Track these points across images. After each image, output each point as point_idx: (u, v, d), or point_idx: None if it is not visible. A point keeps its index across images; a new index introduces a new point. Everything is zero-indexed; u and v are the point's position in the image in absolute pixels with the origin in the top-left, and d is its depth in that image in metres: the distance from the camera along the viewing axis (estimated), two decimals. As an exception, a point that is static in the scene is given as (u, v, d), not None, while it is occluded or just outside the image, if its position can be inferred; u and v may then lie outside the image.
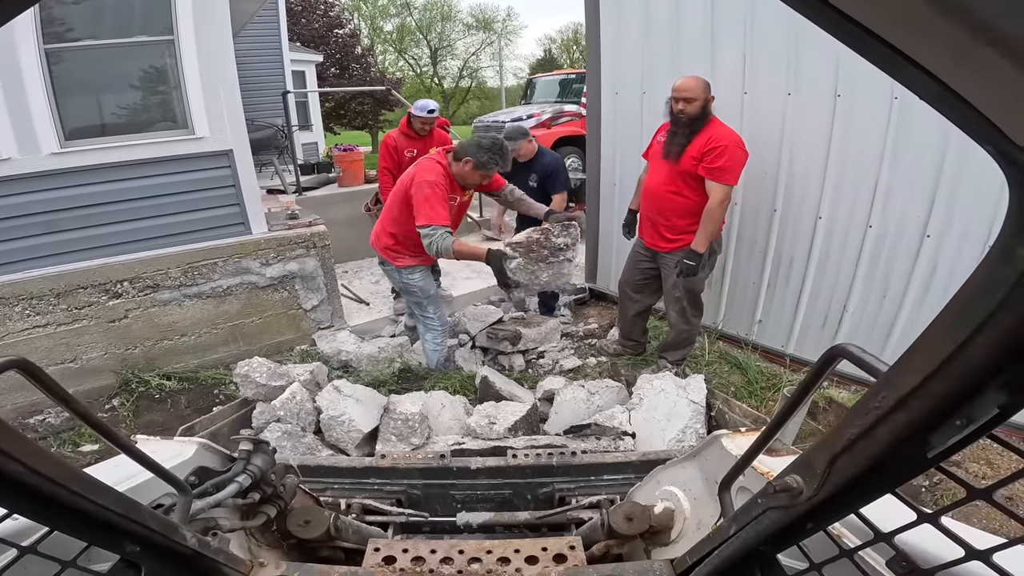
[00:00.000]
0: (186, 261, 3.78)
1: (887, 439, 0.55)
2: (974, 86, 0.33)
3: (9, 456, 0.64)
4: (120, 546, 0.90)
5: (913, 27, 0.31)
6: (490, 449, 2.23)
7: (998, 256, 0.40)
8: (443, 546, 1.31)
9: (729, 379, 3.68)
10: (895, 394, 0.52)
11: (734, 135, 2.97)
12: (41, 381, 0.76)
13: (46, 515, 0.76)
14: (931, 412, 0.51)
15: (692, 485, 1.41)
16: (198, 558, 1.01)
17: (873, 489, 0.64)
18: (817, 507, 0.73)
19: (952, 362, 0.46)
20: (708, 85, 2.99)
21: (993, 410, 0.47)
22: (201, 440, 1.33)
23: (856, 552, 0.77)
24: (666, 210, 3.19)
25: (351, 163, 6.57)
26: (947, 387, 0.48)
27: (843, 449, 0.60)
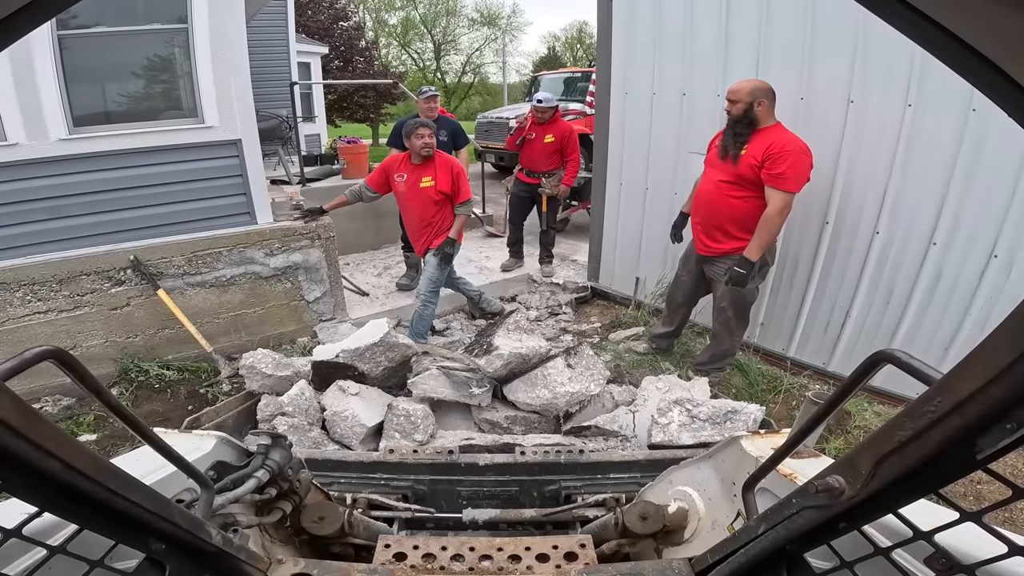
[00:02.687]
0: (191, 249, 3.77)
1: (938, 441, 0.56)
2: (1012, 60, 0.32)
3: (47, 452, 0.63)
4: (147, 544, 0.89)
5: None
6: (499, 446, 2.24)
7: None
8: (454, 543, 1.30)
9: (731, 381, 3.69)
10: (953, 398, 0.52)
11: (798, 141, 2.87)
12: (76, 372, 0.75)
13: (80, 513, 0.75)
14: (984, 416, 0.51)
15: (707, 485, 1.42)
16: (221, 556, 1.00)
17: (918, 490, 0.65)
18: (855, 507, 0.74)
19: (1013, 368, 0.46)
20: (760, 89, 2.91)
21: None
22: (220, 434, 1.32)
23: (893, 550, 0.78)
24: (719, 214, 3.11)
25: (356, 155, 6.55)
26: (1004, 392, 0.48)
27: (892, 451, 0.61)
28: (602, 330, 4.60)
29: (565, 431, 2.57)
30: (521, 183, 5.44)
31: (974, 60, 0.34)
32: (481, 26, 32.42)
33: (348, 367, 2.65)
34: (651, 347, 4.01)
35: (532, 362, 2.60)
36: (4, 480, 0.65)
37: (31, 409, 0.63)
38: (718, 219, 3.12)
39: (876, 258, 3.22)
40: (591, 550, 1.29)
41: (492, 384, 2.59)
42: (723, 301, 3.27)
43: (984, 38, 0.33)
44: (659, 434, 2.23)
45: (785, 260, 3.67)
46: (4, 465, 0.63)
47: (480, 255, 6.19)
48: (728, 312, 3.29)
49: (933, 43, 0.36)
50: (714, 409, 2.25)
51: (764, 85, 2.92)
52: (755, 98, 2.88)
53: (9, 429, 0.58)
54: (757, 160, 2.87)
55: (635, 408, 2.72)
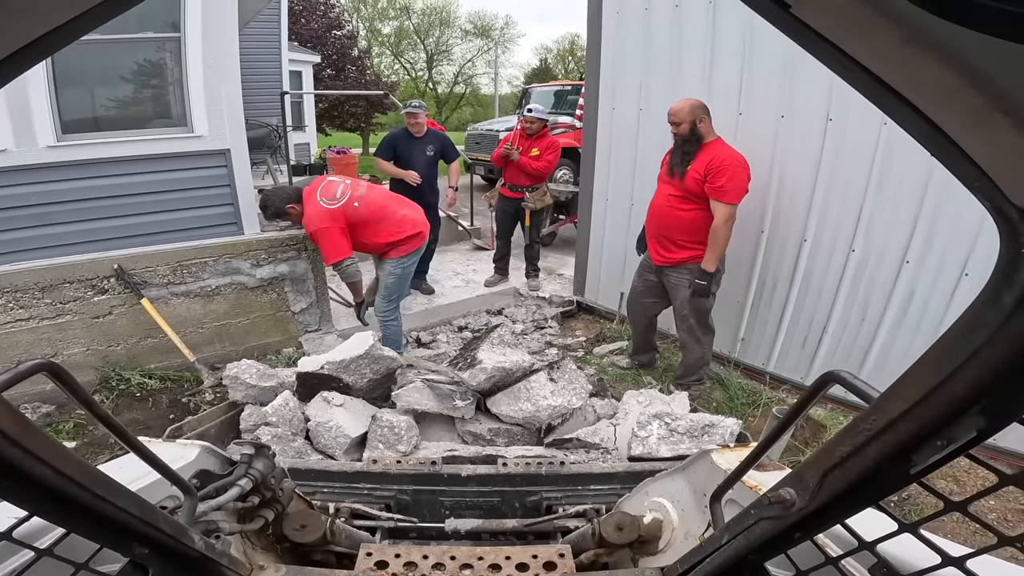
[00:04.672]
0: (176, 259, 3.76)
1: (875, 457, 0.61)
2: (982, 148, 0.38)
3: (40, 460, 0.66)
4: (130, 548, 0.91)
5: (937, 91, 0.36)
6: (481, 457, 2.26)
7: (986, 300, 0.45)
8: (435, 552, 1.33)
9: (712, 395, 3.76)
10: (885, 417, 0.57)
11: (735, 154, 3.09)
12: (68, 384, 0.78)
13: (68, 517, 0.77)
14: (916, 434, 0.56)
15: (680, 497, 1.46)
16: (204, 561, 1.02)
17: (860, 502, 0.70)
18: (807, 518, 0.78)
19: (939, 390, 0.51)
20: (698, 107, 3.14)
21: (972, 433, 0.52)
22: (203, 443, 1.34)
23: (841, 560, 0.83)
24: (669, 226, 3.33)
25: (345, 165, 6.59)
26: (932, 412, 0.53)
27: (834, 465, 0.66)
28: (587, 344, 4.65)
29: (547, 443, 2.60)
30: (505, 199, 5.45)
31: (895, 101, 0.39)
32: (474, 37, 32.77)
33: (333, 379, 2.66)
34: (633, 363, 4.07)
35: (515, 376, 2.64)
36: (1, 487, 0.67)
37: (26, 419, 0.66)
38: (669, 230, 3.34)
39: (852, 276, 3.32)
40: (570, 560, 1.32)
41: (476, 397, 2.62)
42: (684, 310, 3.44)
43: (903, 81, 0.38)
44: (638, 447, 2.28)
45: (765, 278, 3.76)
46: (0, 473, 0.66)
47: (467, 268, 6.23)
48: (691, 320, 3.45)
49: (858, 83, 0.40)
50: (692, 423, 2.31)
51: (699, 103, 3.16)
52: (695, 116, 3.11)
53: (6, 438, 0.61)
54: (700, 175, 3.09)
55: (616, 421, 2.76)
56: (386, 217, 3.64)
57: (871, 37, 0.34)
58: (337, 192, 3.52)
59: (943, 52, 0.32)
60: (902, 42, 0.33)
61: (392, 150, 4.88)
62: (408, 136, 4.87)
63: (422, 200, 4.83)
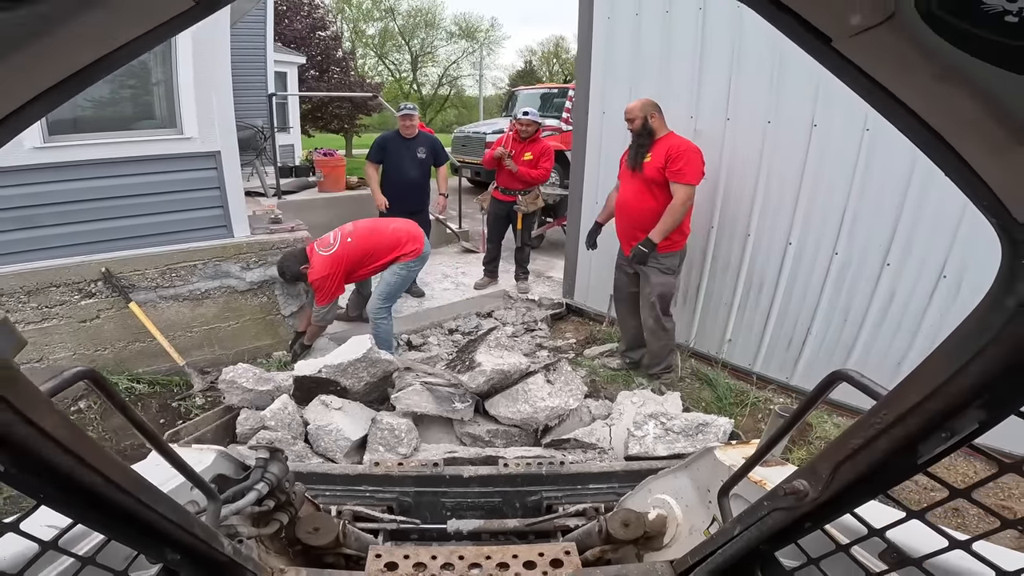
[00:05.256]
0: (164, 262, 3.71)
1: (885, 449, 0.66)
2: (998, 174, 0.42)
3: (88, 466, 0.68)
4: (163, 554, 0.93)
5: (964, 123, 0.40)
6: (482, 458, 2.29)
7: (990, 305, 0.51)
8: (443, 552, 1.36)
9: (700, 395, 3.84)
10: (895, 412, 0.62)
11: (691, 144, 3.38)
12: (107, 391, 0.80)
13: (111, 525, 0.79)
14: (923, 427, 0.61)
15: (684, 493, 1.51)
16: (231, 566, 1.04)
17: (870, 492, 0.75)
18: (819, 508, 0.83)
19: (945, 386, 0.57)
20: (648, 104, 3.43)
21: (974, 425, 0.58)
22: (219, 448, 1.35)
23: (852, 547, 0.88)
24: (638, 219, 3.53)
25: (333, 168, 6.55)
26: (939, 406, 0.58)
27: (846, 457, 0.71)
28: (577, 346, 4.70)
29: (545, 444, 2.64)
30: (497, 202, 5.49)
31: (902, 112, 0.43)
32: (459, 39, 32.74)
33: (330, 382, 2.67)
34: (624, 363, 4.14)
35: (513, 378, 2.67)
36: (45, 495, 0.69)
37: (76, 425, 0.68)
38: (637, 221, 3.54)
39: (835, 278, 3.42)
40: (575, 557, 1.36)
41: (474, 399, 2.65)
42: (653, 296, 3.63)
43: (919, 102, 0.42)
44: (635, 446, 2.33)
45: (751, 280, 3.85)
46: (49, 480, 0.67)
47: (456, 271, 6.24)
48: (657, 307, 3.64)
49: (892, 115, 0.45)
50: (686, 422, 2.37)
51: (650, 101, 3.46)
52: (647, 112, 3.40)
53: (59, 445, 0.63)
54: (660, 163, 3.35)
55: (611, 422, 2.81)
56: (380, 241, 3.88)
57: (906, 73, 0.39)
58: (331, 238, 3.83)
59: (971, 87, 0.37)
60: (935, 78, 0.37)
61: (383, 152, 4.89)
62: (399, 138, 4.89)
63: (414, 203, 4.86)
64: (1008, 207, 0.44)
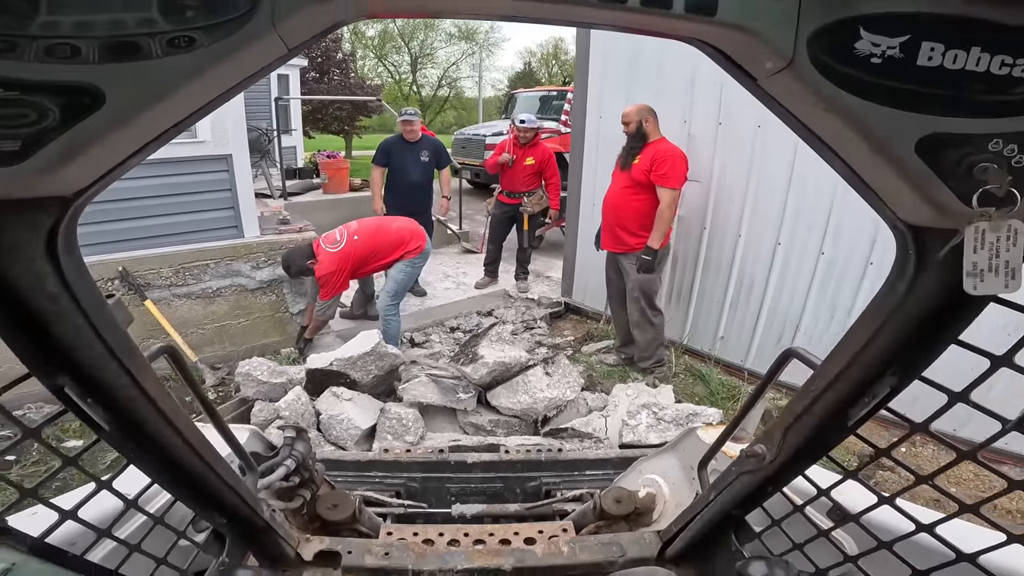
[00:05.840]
0: (179, 261, 3.86)
1: (821, 413, 0.81)
2: (879, 182, 0.57)
3: (173, 427, 0.82)
4: (213, 517, 1.07)
5: (847, 142, 0.54)
6: (484, 446, 2.43)
7: (888, 288, 0.66)
8: (449, 529, 1.50)
9: (693, 390, 3.99)
10: (825, 380, 0.77)
11: (677, 149, 3.57)
12: (182, 368, 0.94)
13: (182, 485, 0.93)
14: (850, 392, 0.76)
15: (671, 472, 1.65)
16: (267, 531, 1.18)
17: (813, 453, 0.90)
18: (776, 472, 0.98)
19: (861, 355, 0.71)
20: (644, 109, 3.60)
21: (887, 389, 0.72)
22: (250, 427, 1.49)
23: (805, 507, 1.02)
24: (622, 215, 3.75)
25: (337, 170, 6.68)
26: (859, 374, 0.73)
27: (793, 422, 0.85)
28: (575, 343, 4.85)
29: (544, 433, 2.79)
30: (502, 204, 5.64)
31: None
32: (459, 40, 32.84)
33: (341, 374, 2.81)
34: (620, 358, 4.29)
35: (514, 370, 2.82)
36: (135, 455, 0.83)
37: (168, 392, 0.82)
38: (622, 218, 3.76)
39: (821, 277, 3.57)
40: (573, 533, 1.51)
41: (477, 390, 2.80)
42: (636, 291, 3.81)
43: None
44: (629, 434, 2.47)
45: (743, 279, 4.00)
46: (141, 441, 0.82)
47: (457, 271, 6.38)
48: (641, 302, 3.82)
49: (801, 133, 0.59)
50: (678, 412, 2.51)
51: (646, 106, 3.64)
52: (642, 116, 3.59)
53: (154, 407, 0.77)
54: (647, 166, 3.55)
55: (607, 413, 2.96)
56: (386, 239, 4.03)
57: (806, 105, 0.53)
58: (337, 235, 3.95)
59: (848, 116, 0.51)
60: (824, 110, 0.52)
61: (387, 155, 5.03)
62: (402, 142, 5.03)
63: (418, 205, 5.00)
64: (891, 207, 0.58)
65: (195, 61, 0.45)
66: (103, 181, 0.53)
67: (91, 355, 0.65)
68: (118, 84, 0.44)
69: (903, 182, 0.53)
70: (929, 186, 0.52)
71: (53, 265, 0.56)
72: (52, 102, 0.44)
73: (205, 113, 0.54)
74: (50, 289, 0.58)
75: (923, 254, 0.60)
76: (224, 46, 0.46)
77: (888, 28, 0.46)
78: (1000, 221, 0.51)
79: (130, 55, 0.44)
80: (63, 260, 0.57)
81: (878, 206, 0.60)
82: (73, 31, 0.42)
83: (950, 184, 0.51)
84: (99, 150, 0.48)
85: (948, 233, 0.56)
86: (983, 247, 0.52)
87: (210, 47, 0.45)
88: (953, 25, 0.46)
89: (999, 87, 0.47)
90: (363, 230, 4.01)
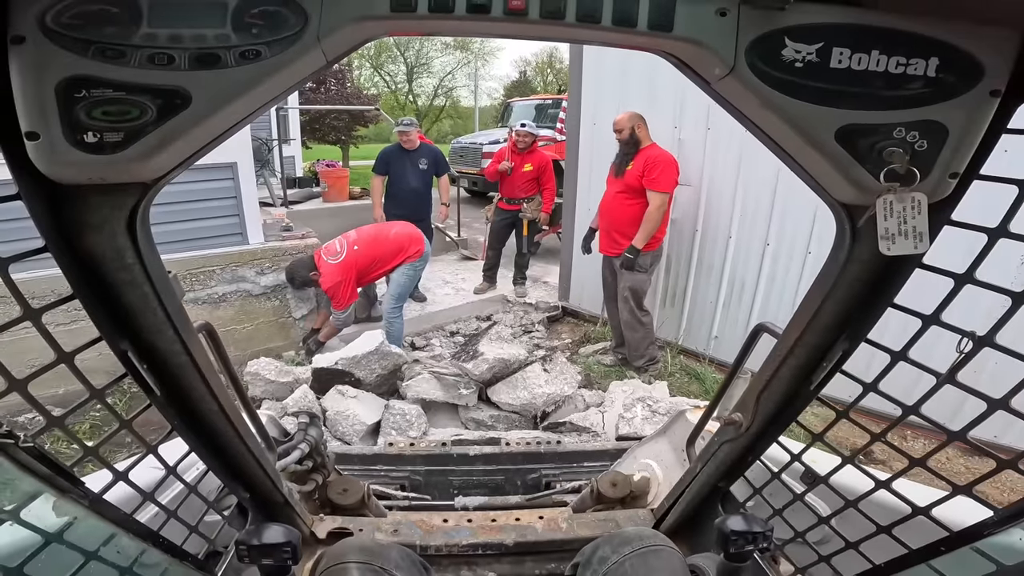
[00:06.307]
0: (185, 267, 3.95)
1: (787, 377, 0.91)
2: (812, 167, 0.68)
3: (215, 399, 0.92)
4: (238, 491, 1.16)
5: (782, 134, 0.65)
6: (485, 440, 2.51)
7: (831, 259, 0.77)
8: (453, 516, 1.60)
9: (689, 388, 4.09)
10: (787, 345, 0.87)
11: (668, 155, 3.71)
12: (217, 346, 1.04)
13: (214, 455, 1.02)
14: (808, 356, 0.87)
15: (664, 456, 1.75)
16: (284, 507, 1.28)
17: (784, 419, 1.00)
18: (753, 440, 1.08)
19: (814, 320, 0.82)
20: (635, 116, 3.75)
21: (840, 353, 0.83)
22: (267, 413, 1.59)
23: (781, 473, 1.12)
24: (617, 219, 3.88)
25: (337, 179, 6.80)
26: (815, 338, 0.84)
27: (763, 388, 0.96)
28: (572, 345, 4.95)
29: (543, 427, 2.88)
30: (502, 211, 5.76)
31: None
32: (454, 50, 33.15)
33: (345, 373, 2.90)
34: (616, 358, 4.39)
35: (513, 367, 2.91)
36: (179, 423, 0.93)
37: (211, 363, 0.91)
38: (617, 222, 3.90)
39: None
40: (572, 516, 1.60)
41: (478, 386, 2.89)
42: (625, 292, 3.96)
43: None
44: (625, 427, 2.57)
45: (734, 280, 4.12)
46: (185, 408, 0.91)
47: (456, 277, 6.48)
48: (631, 302, 3.96)
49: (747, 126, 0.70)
50: (671, 405, 2.61)
51: (637, 114, 3.78)
52: (634, 123, 3.73)
53: (200, 377, 0.87)
54: (639, 172, 3.69)
55: (604, 409, 3.05)
56: (386, 248, 4.15)
57: (748, 105, 0.64)
58: (337, 246, 4.06)
59: (781, 113, 0.62)
60: (762, 107, 0.63)
61: (386, 165, 5.14)
62: (401, 151, 5.14)
63: (417, 212, 5.11)
64: (826, 188, 0.69)
65: (259, 70, 0.56)
66: (179, 168, 0.64)
67: (153, 321, 0.76)
68: (202, 88, 0.55)
69: (830, 166, 0.64)
70: (850, 169, 0.63)
71: (131, 240, 0.67)
72: (151, 101, 0.55)
73: (260, 114, 0.66)
74: (127, 261, 0.69)
75: (855, 227, 0.71)
76: (281, 58, 0.57)
77: (806, 37, 0.58)
78: (904, 193, 0.62)
79: (212, 64, 0.55)
80: (139, 236, 0.67)
81: (816, 188, 0.71)
82: (168, 43, 0.53)
83: (866, 166, 0.62)
84: (183, 142, 0.59)
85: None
86: (892, 215, 0.63)
87: (270, 59, 0.56)
88: (856, 32, 0.57)
89: (897, 83, 0.58)
90: (362, 240, 4.11)
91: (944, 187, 0.65)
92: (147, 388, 0.83)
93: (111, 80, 0.54)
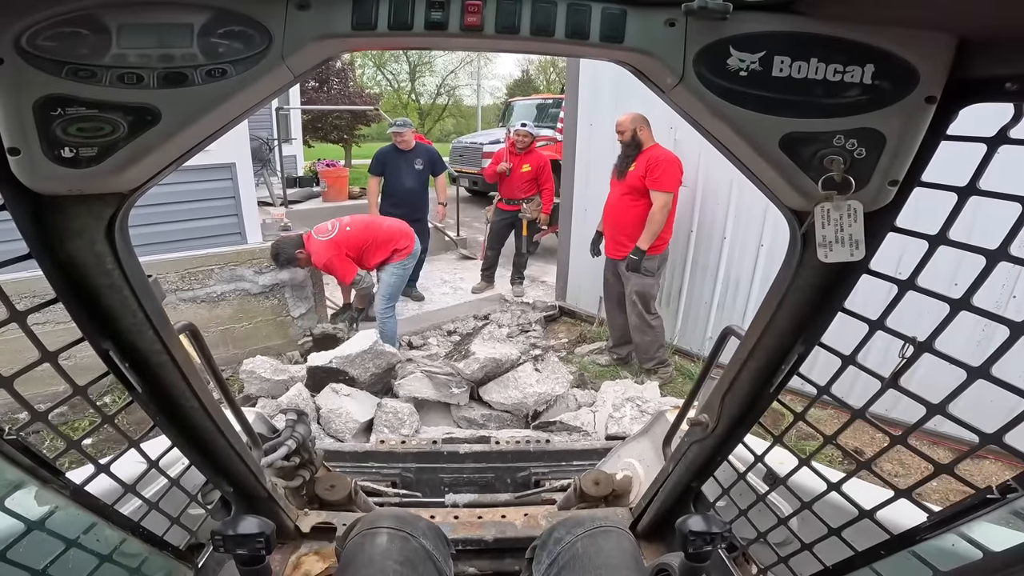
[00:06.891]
0: (184, 266, 3.99)
1: (748, 379, 0.94)
2: (763, 175, 0.70)
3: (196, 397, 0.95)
4: (222, 485, 1.20)
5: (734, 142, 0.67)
6: (476, 438, 2.54)
7: (785, 264, 0.79)
8: (441, 512, 1.63)
9: (684, 389, 4.11)
10: (747, 349, 0.90)
11: (670, 155, 3.68)
12: (201, 346, 1.08)
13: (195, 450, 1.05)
14: (768, 360, 0.89)
15: (645, 455, 1.78)
16: (268, 501, 1.31)
17: (748, 420, 1.03)
18: (720, 440, 1.11)
19: (771, 324, 0.85)
20: (638, 118, 3.73)
21: (795, 357, 0.86)
22: (256, 410, 1.62)
23: (746, 474, 1.15)
24: (621, 221, 3.88)
25: (336, 179, 6.84)
26: (773, 341, 0.86)
27: (727, 389, 0.98)
28: (568, 345, 4.98)
29: (534, 426, 2.91)
30: (501, 212, 5.80)
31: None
32: (456, 50, 33.11)
33: (340, 371, 2.94)
34: (612, 359, 4.42)
35: (505, 366, 2.95)
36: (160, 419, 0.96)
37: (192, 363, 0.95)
38: (621, 224, 3.90)
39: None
40: None
41: (470, 386, 2.93)
42: (633, 296, 3.96)
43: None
44: (614, 427, 2.60)
45: (729, 280, 4.14)
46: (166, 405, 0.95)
47: (455, 276, 6.52)
48: (639, 306, 3.96)
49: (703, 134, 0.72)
50: (660, 405, 2.64)
51: (639, 115, 3.76)
52: (636, 125, 3.72)
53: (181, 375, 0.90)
54: (642, 173, 3.69)
55: (595, 409, 3.08)
56: (377, 234, 4.17)
57: (699, 113, 0.67)
58: (328, 226, 4.10)
59: (728, 121, 0.64)
60: (711, 116, 0.65)
61: (382, 165, 5.18)
62: (396, 151, 5.17)
63: (414, 212, 5.14)
64: (776, 195, 0.72)
65: (226, 87, 0.60)
66: (153, 180, 0.67)
67: (133, 322, 0.80)
68: (171, 105, 0.59)
69: (776, 174, 0.66)
70: (794, 176, 0.66)
71: (110, 246, 0.71)
72: (122, 118, 0.58)
73: (230, 127, 0.69)
74: (107, 266, 0.72)
75: (804, 233, 0.74)
76: (247, 76, 0.60)
77: (749, 46, 0.60)
78: (841, 201, 0.64)
79: (179, 82, 0.58)
80: (118, 243, 0.71)
81: (768, 194, 0.74)
82: (137, 63, 0.57)
83: (809, 174, 0.65)
84: (154, 156, 0.62)
85: None
86: (829, 223, 0.66)
87: (237, 76, 0.60)
88: (795, 40, 0.60)
89: (835, 91, 0.61)
90: (355, 223, 4.16)
91: (884, 195, 0.67)
92: (129, 385, 0.87)
93: (84, 99, 0.57)
